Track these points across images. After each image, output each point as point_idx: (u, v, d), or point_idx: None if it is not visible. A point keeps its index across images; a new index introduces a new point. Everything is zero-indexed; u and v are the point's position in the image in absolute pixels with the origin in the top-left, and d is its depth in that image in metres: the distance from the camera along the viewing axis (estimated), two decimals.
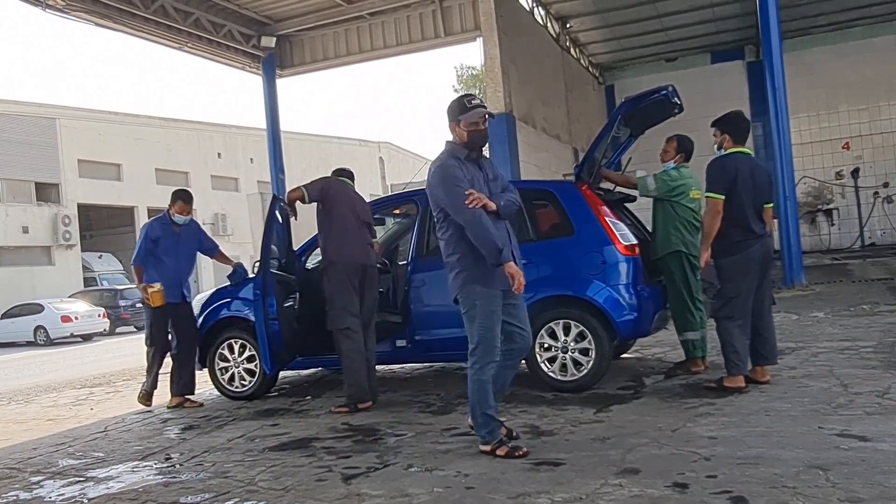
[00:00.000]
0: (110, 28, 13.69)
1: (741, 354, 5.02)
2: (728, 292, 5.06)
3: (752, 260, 5.02)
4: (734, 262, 5.02)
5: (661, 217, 5.82)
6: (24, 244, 29.08)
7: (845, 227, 19.18)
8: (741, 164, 5.08)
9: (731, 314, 5.03)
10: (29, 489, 4.31)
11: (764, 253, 5.08)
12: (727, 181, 5.00)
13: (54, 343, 21.51)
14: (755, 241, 5.03)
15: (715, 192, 5.00)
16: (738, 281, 5.01)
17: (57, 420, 6.71)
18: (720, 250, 5.08)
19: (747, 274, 5.01)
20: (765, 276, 5.13)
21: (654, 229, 5.91)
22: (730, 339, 5.04)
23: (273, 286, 5.88)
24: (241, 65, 16.66)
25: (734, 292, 5.03)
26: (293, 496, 3.67)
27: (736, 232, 5.01)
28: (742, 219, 5.00)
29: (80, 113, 31.69)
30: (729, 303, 5.04)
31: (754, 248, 5.02)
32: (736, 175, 5.01)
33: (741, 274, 5.01)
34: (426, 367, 7.24)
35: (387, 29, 15.75)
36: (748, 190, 5.01)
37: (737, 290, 5.02)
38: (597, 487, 3.35)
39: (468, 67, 32.67)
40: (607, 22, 17.51)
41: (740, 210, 4.98)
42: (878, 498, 2.95)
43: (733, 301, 5.03)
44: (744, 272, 5.01)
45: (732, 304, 5.03)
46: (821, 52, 18.69)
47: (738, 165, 5.06)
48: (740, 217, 4.99)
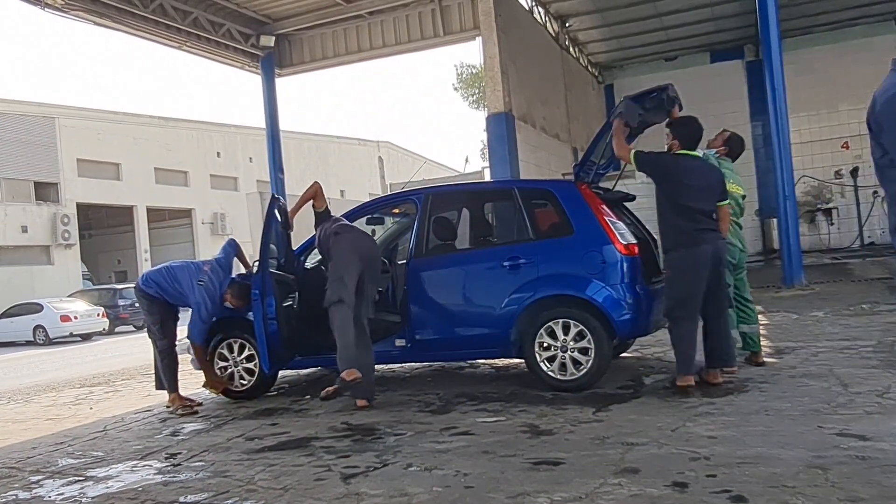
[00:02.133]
0: (109, 27, 13.67)
1: (689, 354, 5.09)
2: (678, 291, 5.16)
3: (700, 260, 5.06)
4: (683, 257, 5.10)
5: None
6: (24, 243, 29.10)
7: (845, 226, 19.16)
8: (685, 163, 5.22)
9: (681, 314, 5.13)
10: (28, 488, 4.30)
11: (717, 250, 5.13)
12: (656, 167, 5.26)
13: (53, 342, 21.49)
14: (705, 235, 5.09)
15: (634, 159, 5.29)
16: (687, 280, 5.09)
17: (56, 419, 6.71)
18: (672, 244, 5.19)
19: (695, 274, 5.07)
20: (716, 277, 5.17)
21: None
22: (676, 339, 5.16)
23: (272, 286, 5.88)
24: (241, 64, 16.65)
25: (684, 292, 5.12)
26: (292, 495, 3.67)
27: (681, 221, 5.13)
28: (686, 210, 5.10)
29: (80, 112, 31.70)
30: (678, 302, 5.16)
31: (704, 247, 5.07)
32: (673, 171, 5.19)
33: (687, 274, 5.09)
34: (425, 366, 7.23)
35: (386, 28, 15.74)
36: (695, 186, 5.13)
37: (686, 290, 5.10)
38: (596, 487, 3.35)
39: (468, 66, 32.65)
40: (606, 21, 17.50)
41: (686, 200, 5.10)
42: (878, 497, 2.95)
43: (682, 301, 5.13)
44: (690, 272, 5.08)
45: (681, 304, 5.13)
46: (820, 51, 18.68)
47: (681, 165, 5.21)
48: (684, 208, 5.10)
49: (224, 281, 6.26)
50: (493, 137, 12.98)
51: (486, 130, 13.66)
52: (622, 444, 4.01)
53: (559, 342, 5.50)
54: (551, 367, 5.54)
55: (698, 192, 5.13)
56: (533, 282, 5.62)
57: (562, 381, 5.50)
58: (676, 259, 5.16)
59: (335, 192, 37.99)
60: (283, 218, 6.30)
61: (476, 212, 6.85)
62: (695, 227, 5.09)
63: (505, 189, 6.94)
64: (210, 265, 6.34)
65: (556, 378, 5.52)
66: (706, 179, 5.22)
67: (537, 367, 5.56)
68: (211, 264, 6.35)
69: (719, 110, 18.15)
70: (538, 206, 6.06)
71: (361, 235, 5.93)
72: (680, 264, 5.14)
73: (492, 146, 13.14)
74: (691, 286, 5.08)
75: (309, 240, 6.65)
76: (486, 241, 6.63)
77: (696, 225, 5.09)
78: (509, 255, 5.77)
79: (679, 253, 5.13)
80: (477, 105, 32.65)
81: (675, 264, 5.19)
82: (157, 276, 6.43)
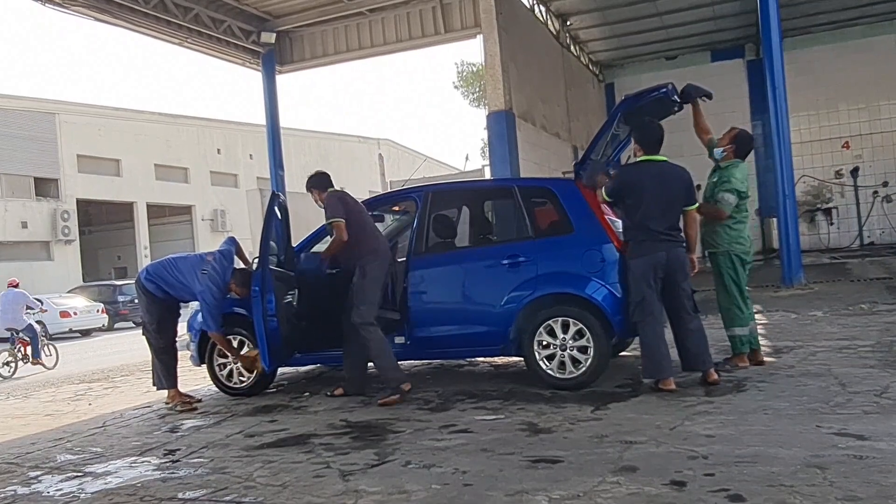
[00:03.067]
0: (110, 23, 13.65)
1: (653, 358, 5.18)
2: (635, 296, 5.27)
3: (655, 264, 5.18)
4: (636, 266, 5.24)
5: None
6: (23, 239, 29.09)
7: (844, 226, 19.16)
8: (646, 172, 5.29)
9: (641, 317, 5.23)
10: (27, 484, 4.31)
11: (671, 258, 5.21)
12: (619, 189, 5.34)
13: (53, 338, 21.47)
14: (659, 245, 5.19)
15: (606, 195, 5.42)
16: (642, 285, 5.21)
17: (55, 415, 6.72)
18: (629, 252, 5.33)
19: (650, 278, 5.19)
20: (675, 282, 5.25)
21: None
22: (642, 341, 5.28)
23: (272, 283, 5.89)
24: (241, 61, 16.62)
25: (639, 295, 5.23)
26: (291, 492, 3.67)
27: (638, 237, 5.25)
28: (644, 224, 5.19)
29: (80, 108, 31.66)
30: (637, 306, 5.25)
31: (659, 254, 5.18)
32: (635, 184, 5.26)
33: (644, 278, 5.20)
34: (424, 363, 7.24)
35: (387, 25, 15.71)
36: (656, 197, 5.19)
37: (641, 294, 5.22)
38: (594, 485, 3.36)
39: (468, 64, 32.57)
40: (607, 20, 17.48)
41: (643, 216, 5.19)
42: (876, 496, 2.95)
43: (639, 304, 5.23)
44: (646, 276, 5.19)
45: (639, 306, 5.23)
46: (821, 50, 18.67)
47: (642, 173, 5.30)
48: (643, 223, 5.20)
49: (227, 269, 6.25)
50: (493, 135, 12.97)
51: (487, 128, 13.65)
52: (620, 442, 4.02)
53: (558, 340, 5.50)
54: (550, 366, 5.54)
55: (658, 205, 5.20)
56: (532, 280, 5.63)
57: (561, 380, 5.51)
58: (633, 266, 5.28)
59: None
60: (283, 215, 6.30)
61: (476, 210, 6.85)
62: (652, 239, 5.21)
63: (505, 187, 6.94)
64: (213, 255, 6.33)
65: (555, 376, 5.53)
66: (668, 190, 5.26)
67: (536, 365, 5.57)
68: (214, 255, 6.34)
69: (719, 109, 18.06)
70: (538, 204, 6.07)
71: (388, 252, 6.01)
72: (635, 270, 5.26)
73: (492, 144, 13.13)
74: (645, 289, 5.20)
75: (309, 236, 6.65)
76: (486, 240, 6.64)
77: (654, 237, 5.21)
78: (509, 254, 5.78)
79: (636, 261, 5.26)
80: (477, 103, 32.58)
81: (632, 270, 5.30)
82: (159, 269, 6.43)
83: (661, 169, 5.32)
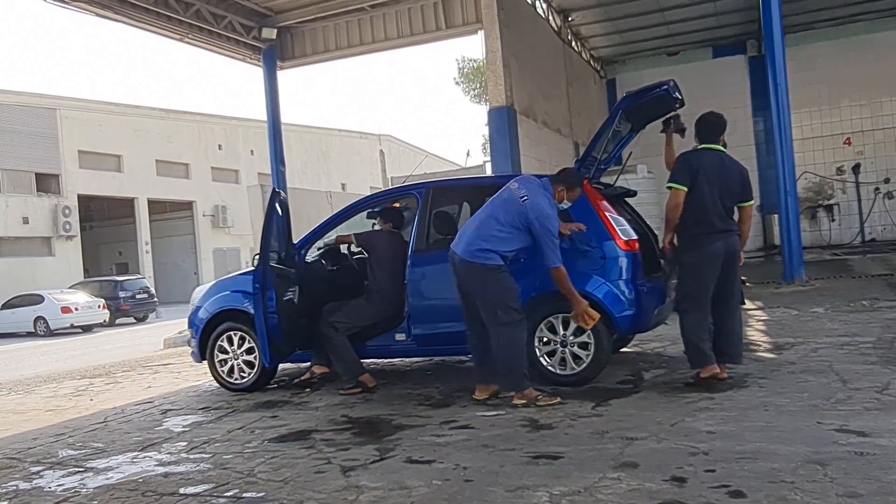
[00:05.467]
0: (111, 19, 13.65)
1: (700, 349, 5.10)
2: (686, 287, 5.20)
3: (712, 256, 5.07)
4: (692, 257, 5.13)
5: None
6: (25, 235, 29.10)
7: (846, 222, 19.15)
8: (707, 159, 5.14)
9: (688, 308, 5.16)
10: (29, 479, 4.32)
11: (728, 250, 5.11)
12: (689, 175, 5.10)
13: (54, 334, 21.54)
14: (717, 237, 5.07)
15: (675, 184, 5.14)
16: (696, 276, 5.12)
17: (57, 411, 6.72)
18: (681, 245, 5.21)
19: (706, 269, 5.08)
20: (729, 274, 5.16)
21: None
22: (686, 333, 5.17)
23: (273, 279, 5.89)
24: (242, 56, 16.61)
25: (691, 287, 5.15)
26: (292, 487, 3.68)
27: (694, 227, 5.10)
28: (703, 214, 5.07)
29: (81, 104, 31.65)
30: (686, 297, 5.18)
31: (716, 245, 5.06)
32: (698, 170, 5.08)
33: (699, 270, 5.10)
34: (425, 359, 7.25)
35: (388, 21, 15.70)
36: (713, 186, 5.06)
37: (694, 285, 5.13)
38: (595, 481, 3.36)
39: (470, 60, 32.52)
40: (609, 15, 17.46)
41: (701, 206, 5.06)
42: (877, 493, 2.96)
43: (690, 296, 5.15)
44: (702, 268, 5.09)
45: (689, 298, 5.16)
46: (823, 47, 18.64)
47: (703, 161, 5.13)
48: (700, 213, 5.07)
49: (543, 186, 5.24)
50: (494, 132, 12.95)
51: (488, 125, 13.64)
52: (621, 438, 4.02)
53: (559, 337, 5.50)
54: (551, 362, 5.54)
55: (715, 195, 5.06)
56: (533, 277, 5.62)
57: (561, 376, 5.51)
58: (688, 259, 5.17)
59: (336, 186, 38.00)
60: (283, 212, 6.31)
61: (477, 206, 6.82)
62: (708, 231, 5.06)
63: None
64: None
65: (556, 372, 5.52)
66: (726, 181, 5.11)
67: (537, 361, 5.56)
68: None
69: (721, 106, 18.00)
70: None
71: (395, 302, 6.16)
72: (691, 262, 5.15)
73: (493, 140, 13.12)
74: (698, 281, 5.10)
75: (309, 233, 6.65)
76: None
77: (710, 230, 5.06)
78: None
79: (691, 254, 5.14)
80: (478, 99, 32.56)
81: (686, 262, 5.20)
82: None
83: (720, 158, 5.20)
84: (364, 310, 6.08)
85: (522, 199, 5.06)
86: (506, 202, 5.16)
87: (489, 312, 5.05)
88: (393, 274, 6.06)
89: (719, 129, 5.28)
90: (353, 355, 6.04)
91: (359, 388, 5.93)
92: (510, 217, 5.08)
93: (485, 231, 5.12)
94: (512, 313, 5.02)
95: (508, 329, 5.01)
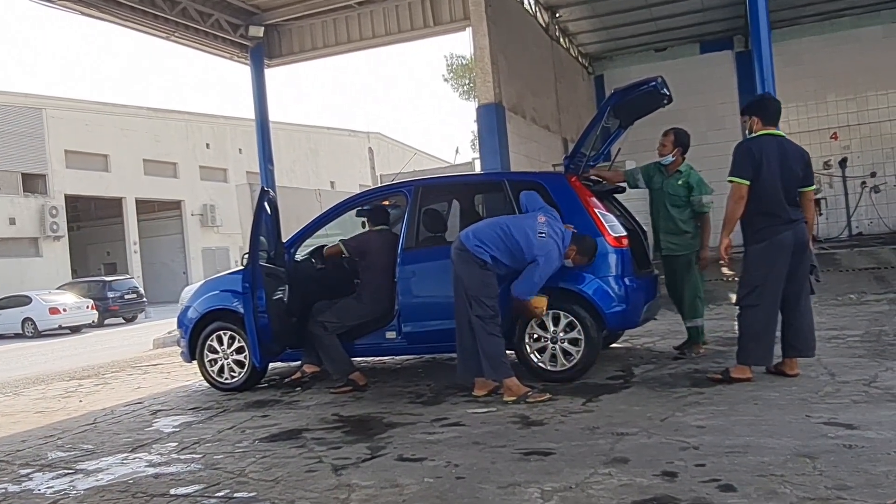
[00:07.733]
0: (96, 17, 13.53)
1: (762, 344, 4.93)
2: (753, 280, 4.94)
3: (781, 247, 4.83)
4: (759, 249, 4.89)
5: (689, 215, 6.00)
6: (11, 235, 28.89)
7: (833, 216, 19.23)
8: (768, 146, 4.87)
9: (756, 302, 4.93)
10: (18, 482, 4.29)
11: (797, 240, 4.87)
12: (751, 166, 4.84)
13: (42, 335, 21.40)
14: (784, 227, 4.84)
15: (738, 177, 4.88)
16: (764, 269, 4.88)
17: (46, 412, 6.68)
18: (747, 238, 5.00)
19: (775, 262, 4.85)
20: (799, 264, 4.95)
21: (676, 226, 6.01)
22: (750, 327, 4.96)
23: (262, 278, 5.88)
24: (229, 55, 16.51)
25: (759, 280, 4.90)
26: (283, 487, 3.67)
27: (760, 219, 4.88)
28: (768, 204, 4.84)
29: (67, 103, 31.42)
30: (754, 291, 4.93)
31: (784, 235, 4.83)
32: (761, 159, 4.82)
33: (767, 262, 4.86)
34: (416, 357, 7.25)
35: (375, 18, 15.65)
36: (775, 174, 4.82)
37: (763, 278, 4.89)
38: (586, 477, 3.37)
39: (458, 57, 32.48)
40: (597, 12, 17.46)
41: (766, 196, 4.83)
42: (865, 485, 2.98)
43: (758, 289, 4.91)
44: (770, 260, 4.85)
45: (757, 292, 4.91)
46: (809, 42, 18.71)
47: (765, 148, 4.86)
48: (766, 203, 4.84)
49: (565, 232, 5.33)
50: (483, 128, 12.93)
51: (477, 121, 13.62)
52: (612, 434, 4.04)
53: (549, 333, 5.52)
54: (541, 358, 5.56)
55: (779, 183, 4.82)
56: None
57: (552, 372, 5.52)
58: (755, 251, 4.94)
59: (325, 184, 37.88)
60: (272, 210, 6.29)
61: (466, 204, 6.85)
62: (774, 222, 4.86)
63: (495, 181, 6.93)
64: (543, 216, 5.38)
65: (547, 369, 5.54)
66: (789, 167, 4.86)
67: (527, 358, 5.58)
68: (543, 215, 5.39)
69: (709, 101, 18.18)
70: None
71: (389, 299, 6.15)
72: (758, 254, 4.91)
73: (482, 137, 13.10)
74: (767, 274, 4.87)
75: (298, 232, 6.63)
76: None
77: (775, 220, 4.85)
78: None
79: (756, 246, 4.93)
80: (467, 96, 32.53)
81: (753, 255, 4.96)
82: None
83: (780, 143, 4.93)
84: (354, 308, 6.07)
85: (540, 235, 5.18)
86: (525, 227, 5.25)
87: (469, 300, 5.19)
88: (384, 272, 6.05)
89: (780, 114, 5.06)
90: (343, 354, 6.04)
91: (349, 387, 5.94)
92: (519, 238, 5.19)
93: (491, 232, 5.24)
94: (486, 309, 5.15)
95: (481, 321, 5.15)
